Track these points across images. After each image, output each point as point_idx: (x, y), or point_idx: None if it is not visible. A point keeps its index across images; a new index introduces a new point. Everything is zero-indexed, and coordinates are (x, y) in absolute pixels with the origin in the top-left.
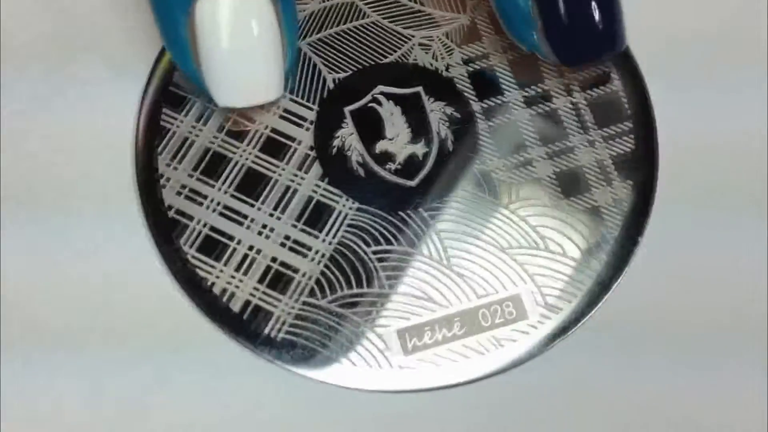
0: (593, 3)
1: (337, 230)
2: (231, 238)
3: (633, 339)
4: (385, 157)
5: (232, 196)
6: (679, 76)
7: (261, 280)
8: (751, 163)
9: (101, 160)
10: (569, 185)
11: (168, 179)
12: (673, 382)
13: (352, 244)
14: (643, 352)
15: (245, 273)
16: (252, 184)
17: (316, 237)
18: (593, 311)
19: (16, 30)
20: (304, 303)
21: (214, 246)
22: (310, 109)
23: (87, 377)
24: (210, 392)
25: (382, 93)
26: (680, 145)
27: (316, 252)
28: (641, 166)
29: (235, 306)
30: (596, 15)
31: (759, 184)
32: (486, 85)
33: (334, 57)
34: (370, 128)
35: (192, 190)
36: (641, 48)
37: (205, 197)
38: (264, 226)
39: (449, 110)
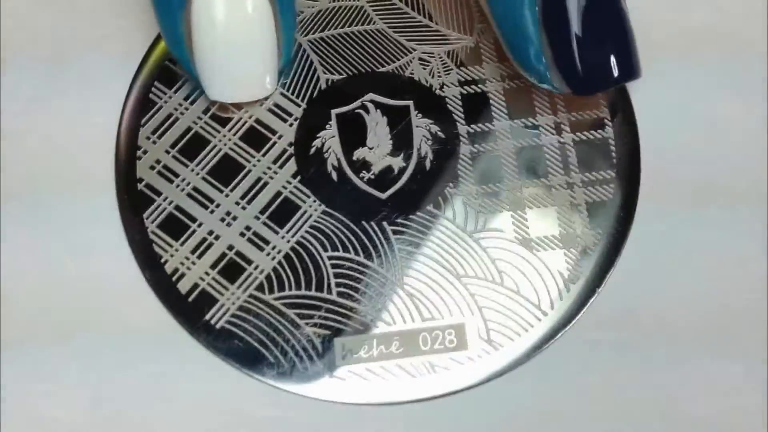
0: (606, 32)
1: (299, 229)
2: (193, 219)
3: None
4: (361, 165)
5: (204, 178)
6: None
7: (213, 266)
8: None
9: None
10: (538, 224)
11: (145, 152)
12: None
13: (310, 246)
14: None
15: (199, 256)
16: (225, 171)
17: (276, 233)
18: (536, 355)
19: (16, 30)
20: (251, 296)
21: (175, 225)
22: (298, 105)
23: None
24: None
25: (371, 101)
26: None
27: (273, 247)
28: (615, 219)
29: (183, 287)
30: (610, 44)
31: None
32: (477, 110)
33: (332, 58)
34: (353, 134)
35: (165, 167)
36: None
37: (177, 175)
38: (228, 213)
39: (435, 129)
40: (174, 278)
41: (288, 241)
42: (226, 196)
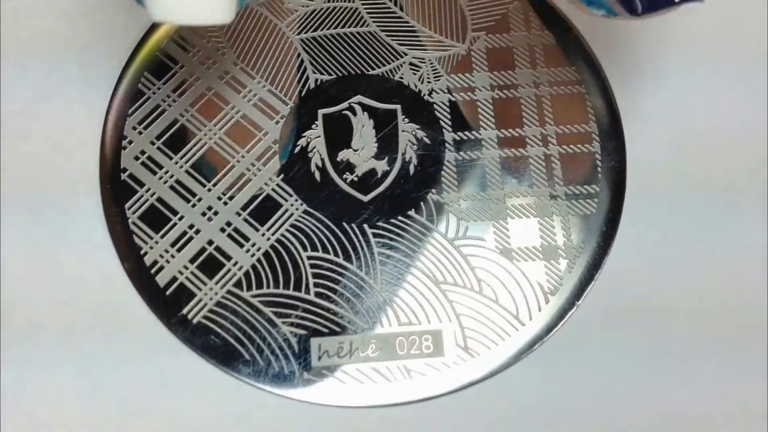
0: None
1: (279, 228)
2: (174, 212)
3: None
4: (345, 167)
5: (187, 172)
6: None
7: (192, 260)
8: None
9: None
10: (520, 235)
11: (130, 142)
12: None
13: (289, 244)
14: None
15: (179, 249)
16: (208, 165)
17: (257, 230)
18: (512, 365)
19: (16, 30)
20: (229, 292)
21: (156, 217)
22: (285, 103)
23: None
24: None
25: (359, 103)
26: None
27: (253, 244)
28: (598, 233)
29: (162, 280)
30: None
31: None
32: (465, 117)
33: (323, 58)
34: (339, 135)
35: (150, 158)
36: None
37: (161, 167)
38: (209, 208)
39: (421, 134)
40: (153, 270)
41: (268, 239)
42: (209, 190)
